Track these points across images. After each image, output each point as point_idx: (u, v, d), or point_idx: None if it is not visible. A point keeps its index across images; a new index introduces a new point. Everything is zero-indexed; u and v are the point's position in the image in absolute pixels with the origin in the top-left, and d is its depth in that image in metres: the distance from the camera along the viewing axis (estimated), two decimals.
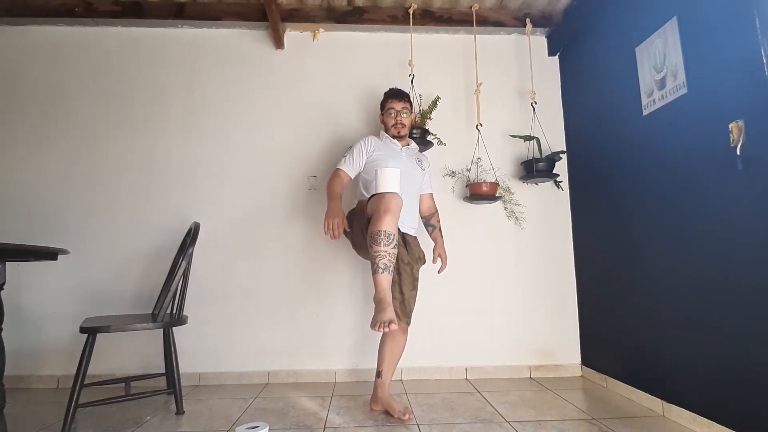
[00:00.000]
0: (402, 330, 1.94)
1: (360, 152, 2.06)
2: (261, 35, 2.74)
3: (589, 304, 2.53)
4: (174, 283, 1.95)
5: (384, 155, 2.05)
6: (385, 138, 2.14)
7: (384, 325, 1.51)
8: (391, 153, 2.07)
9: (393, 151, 2.09)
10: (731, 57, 1.57)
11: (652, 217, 1.96)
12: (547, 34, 2.84)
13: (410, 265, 1.97)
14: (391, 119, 2.11)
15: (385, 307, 1.57)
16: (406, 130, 2.12)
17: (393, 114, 2.10)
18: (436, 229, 2.26)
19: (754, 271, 1.47)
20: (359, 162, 2.06)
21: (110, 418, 1.88)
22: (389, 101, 2.12)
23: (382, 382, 1.93)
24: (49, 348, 2.43)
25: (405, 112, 2.10)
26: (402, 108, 2.10)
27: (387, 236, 1.62)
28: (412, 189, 2.06)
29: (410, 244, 2.00)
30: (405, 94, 2.15)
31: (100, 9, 2.59)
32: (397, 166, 1.93)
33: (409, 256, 1.97)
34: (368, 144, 2.08)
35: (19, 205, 2.53)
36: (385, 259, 1.62)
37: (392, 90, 2.17)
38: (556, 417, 1.86)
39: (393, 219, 1.63)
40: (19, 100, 2.62)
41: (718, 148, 1.60)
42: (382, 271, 1.62)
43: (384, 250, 1.61)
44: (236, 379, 2.45)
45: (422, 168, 2.16)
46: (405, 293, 1.94)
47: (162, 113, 2.64)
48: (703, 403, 1.68)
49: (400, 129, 2.10)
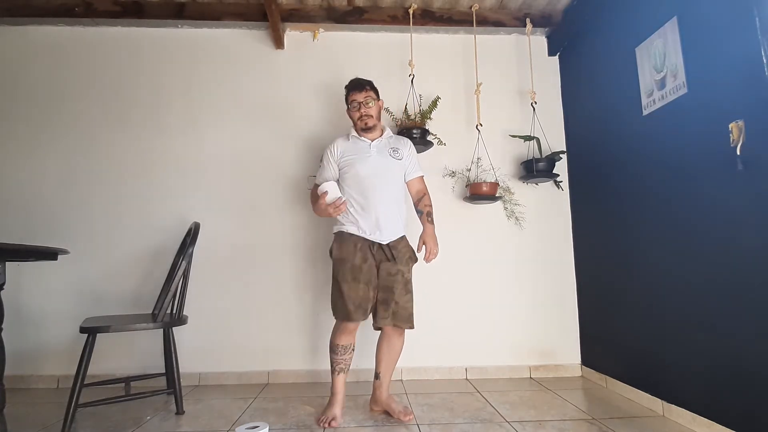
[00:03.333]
0: (398, 333, 1.92)
1: (328, 162, 1.98)
2: (261, 35, 2.74)
3: (589, 304, 2.53)
4: (174, 283, 1.95)
5: (352, 158, 1.94)
6: (352, 136, 2.00)
7: (326, 420, 1.78)
8: (359, 153, 1.95)
9: (361, 149, 1.96)
10: (731, 57, 1.57)
11: (652, 217, 1.96)
12: (547, 34, 2.84)
13: (400, 272, 1.88)
14: (355, 113, 1.97)
15: (333, 403, 1.85)
16: (373, 120, 1.96)
17: (356, 106, 1.96)
18: (423, 215, 2.04)
19: (754, 271, 1.47)
20: (330, 171, 1.97)
21: (110, 418, 1.88)
22: (350, 94, 1.99)
23: (380, 384, 1.93)
24: (49, 348, 2.43)
25: (370, 101, 1.96)
26: (365, 98, 1.95)
27: (344, 348, 1.89)
28: (388, 186, 1.94)
29: (395, 250, 1.90)
30: (366, 83, 2.00)
31: (100, 9, 2.59)
32: (367, 166, 1.91)
33: (396, 265, 1.88)
34: (335, 150, 1.98)
35: (19, 205, 2.53)
36: (342, 364, 1.89)
37: (352, 81, 2.02)
38: (556, 417, 1.86)
39: (349, 336, 1.89)
40: (19, 100, 2.62)
41: (718, 148, 1.60)
42: (338, 374, 1.88)
43: (342, 358, 1.89)
44: (236, 379, 2.45)
45: (398, 157, 1.99)
46: (399, 302, 1.86)
47: (162, 113, 2.64)
48: (703, 403, 1.68)
49: (367, 120, 1.95)
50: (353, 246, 1.86)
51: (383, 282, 1.87)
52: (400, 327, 1.89)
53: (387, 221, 1.89)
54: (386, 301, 1.86)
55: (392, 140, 2.05)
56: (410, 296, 1.92)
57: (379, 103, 2.04)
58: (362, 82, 2.00)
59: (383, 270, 1.87)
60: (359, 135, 2.00)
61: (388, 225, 1.89)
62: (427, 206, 2.06)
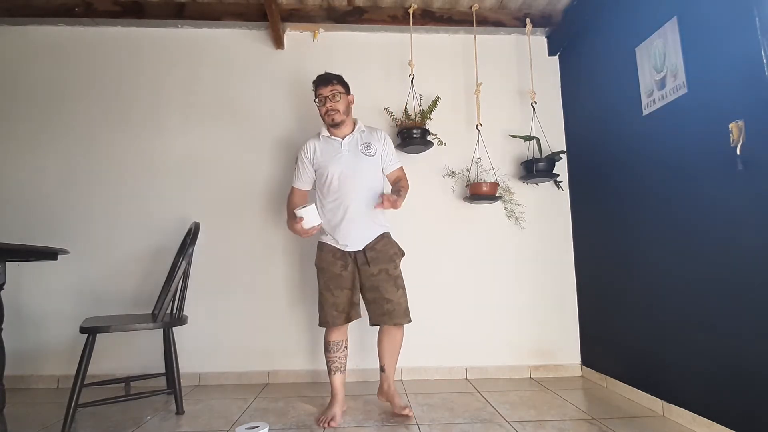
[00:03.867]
0: (396, 328, 1.94)
1: (303, 164, 1.99)
2: (261, 35, 2.74)
3: (589, 304, 2.53)
4: (174, 283, 1.96)
5: (324, 159, 1.93)
6: (323, 136, 1.98)
7: (325, 420, 1.78)
8: (330, 153, 1.93)
9: (332, 149, 1.94)
10: (731, 57, 1.57)
11: (652, 217, 1.96)
12: (547, 34, 2.84)
13: (382, 271, 1.88)
14: (321, 108, 1.93)
15: (333, 403, 1.87)
16: (341, 116, 1.91)
17: (322, 101, 1.91)
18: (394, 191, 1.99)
19: (754, 271, 1.47)
20: (306, 174, 1.99)
21: (110, 418, 1.88)
22: (317, 89, 1.93)
23: (386, 376, 1.97)
24: (49, 348, 2.43)
25: (337, 96, 1.90)
26: (331, 92, 1.90)
27: (336, 345, 1.91)
28: (362, 186, 1.91)
29: (374, 251, 1.90)
30: (333, 77, 1.94)
31: (100, 9, 2.59)
32: (339, 166, 1.90)
33: (378, 265, 1.88)
34: (308, 151, 1.98)
35: (19, 205, 2.53)
36: (336, 363, 1.90)
37: (319, 76, 1.97)
38: (556, 417, 1.86)
39: (338, 333, 1.91)
40: (19, 100, 2.62)
41: (718, 148, 1.60)
42: (334, 373, 1.90)
43: (335, 356, 1.90)
44: (236, 379, 2.45)
45: (370, 153, 1.95)
46: (392, 299, 1.87)
47: (162, 113, 2.64)
48: (703, 403, 1.68)
49: (334, 116, 1.90)
50: (331, 255, 1.91)
51: (367, 283, 1.90)
52: (399, 324, 1.91)
53: (363, 225, 1.90)
54: (376, 300, 1.89)
55: (365, 135, 2.00)
56: (402, 291, 1.93)
57: (349, 97, 1.98)
58: (329, 76, 1.94)
59: (364, 273, 1.90)
60: (330, 134, 1.97)
61: (360, 231, 1.90)
62: (400, 187, 2.00)
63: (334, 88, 1.92)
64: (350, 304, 1.90)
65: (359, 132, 1.99)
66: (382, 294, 1.87)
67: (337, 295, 1.88)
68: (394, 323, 1.89)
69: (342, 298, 1.88)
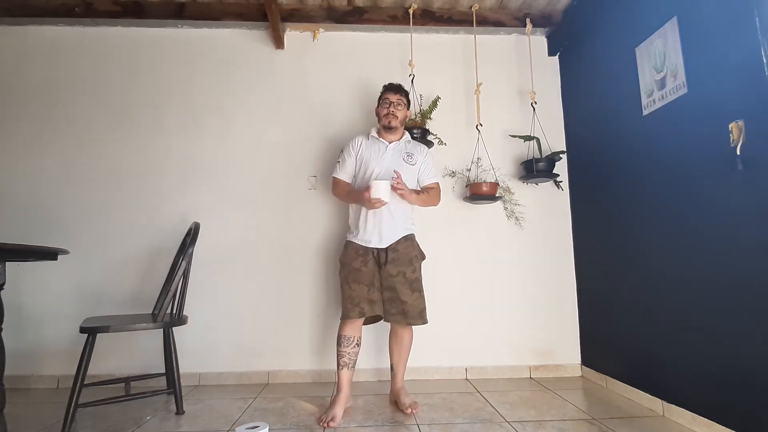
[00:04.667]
0: (407, 329, 2.03)
1: (349, 155, 2.10)
2: (261, 35, 2.74)
3: (589, 304, 2.53)
4: (174, 283, 1.96)
5: (367, 156, 2.06)
6: (372, 136, 2.11)
7: (325, 420, 1.78)
8: (375, 153, 2.06)
9: (378, 150, 2.07)
10: (731, 57, 1.57)
11: (652, 217, 1.96)
12: (547, 34, 2.84)
13: (401, 273, 1.96)
14: (383, 109, 2.08)
15: (335, 402, 1.87)
16: (397, 122, 2.07)
17: (387, 104, 2.07)
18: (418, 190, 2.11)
19: (754, 271, 1.47)
20: (351, 165, 2.10)
21: (110, 418, 1.88)
22: (386, 92, 2.10)
23: (394, 375, 2.06)
24: (49, 348, 2.43)
25: (400, 105, 2.07)
26: (397, 100, 2.07)
27: (347, 340, 1.94)
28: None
29: (395, 252, 1.97)
30: (404, 90, 2.12)
31: (100, 9, 2.59)
32: (380, 166, 2.01)
33: (396, 267, 1.96)
34: (356, 145, 2.10)
35: (19, 205, 2.52)
36: (345, 358, 1.93)
37: (392, 83, 2.14)
38: (556, 417, 1.86)
39: (352, 329, 1.95)
40: (19, 100, 2.62)
41: (718, 148, 1.60)
42: (342, 368, 1.93)
43: (345, 351, 1.93)
44: (236, 379, 2.45)
45: (411, 162, 2.07)
46: (408, 301, 1.95)
47: (162, 113, 2.64)
48: (703, 403, 1.68)
49: (391, 119, 2.05)
50: (354, 252, 2.00)
51: (385, 283, 1.98)
52: (413, 324, 1.99)
53: (389, 224, 1.98)
54: (392, 300, 1.97)
55: (409, 145, 2.13)
56: (418, 294, 2.00)
57: (407, 111, 2.14)
58: (401, 87, 2.11)
59: (384, 272, 1.97)
60: (378, 136, 2.10)
61: (389, 228, 1.99)
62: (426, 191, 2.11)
63: (401, 97, 2.08)
64: (366, 300, 1.94)
65: (405, 142, 2.12)
66: (397, 295, 1.96)
67: (354, 289, 1.94)
68: (407, 323, 1.97)
69: (357, 291, 1.94)
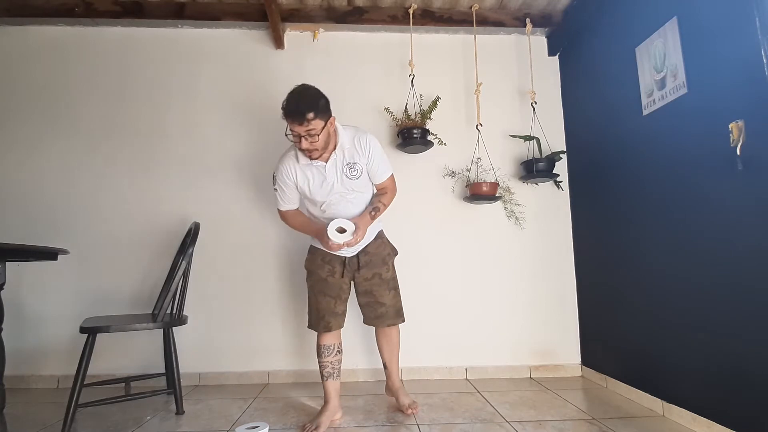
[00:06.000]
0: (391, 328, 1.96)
1: (285, 186, 1.79)
2: (261, 35, 2.74)
3: (589, 304, 2.53)
4: (174, 283, 1.96)
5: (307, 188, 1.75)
6: (302, 162, 1.74)
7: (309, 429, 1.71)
8: (313, 182, 1.74)
9: (314, 175, 1.74)
10: (731, 57, 1.57)
11: (652, 217, 1.96)
12: (547, 34, 2.84)
13: (376, 275, 1.86)
14: (299, 144, 1.63)
15: (321, 411, 1.80)
16: (319, 153, 1.66)
17: (297, 139, 1.62)
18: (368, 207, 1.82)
19: (754, 271, 1.47)
20: (292, 193, 1.82)
21: (110, 418, 1.88)
22: (288, 123, 1.61)
23: (389, 372, 2.01)
24: (49, 348, 2.43)
25: (314, 132, 1.57)
26: (306, 131, 1.57)
27: (327, 349, 1.86)
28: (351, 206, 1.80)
29: (367, 254, 1.86)
30: (306, 108, 1.55)
31: (100, 9, 2.59)
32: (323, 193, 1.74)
33: (371, 269, 1.86)
34: (289, 175, 1.76)
35: (19, 205, 2.52)
36: (329, 368, 1.85)
37: (288, 106, 1.59)
38: (556, 417, 1.86)
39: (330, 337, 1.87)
40: (19, 100, 2.62)
41: (718, 148, 1.60)
42: (326, 378, 1.85)
43: (326, 361, 1.85)
44: (236, 379, 2.45)
45: (355, 177, 1.75)
46: (386, 302, 1.88)
47: (162, 113, 2.64)
48: (703, 403, 1.68)
49: (313, 154, 1.66)
50: (320, 259, 1.88)
51: (361, 288, 1.90)
52: (392, 326, 1.94)
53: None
54: (369, 304, 1.91)
55: (348, 152, 1.73)
56: (395, 292, 1.94)
57: (329, 123, 1.64)
58: (301, 108, 1.55)
59: (358, 278, 1.87)
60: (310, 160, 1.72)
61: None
62: (378, 202, 1.82)
63: (309, 125, 1.56)
64: (331, 313, 1.84)
65: (341, 151, 1.72)
66: (375, 298, 1.89)
67: (320, 301, 1.86)
68: (387, 325, 1.93)
69: (324, 304, 1.85)
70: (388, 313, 1.91)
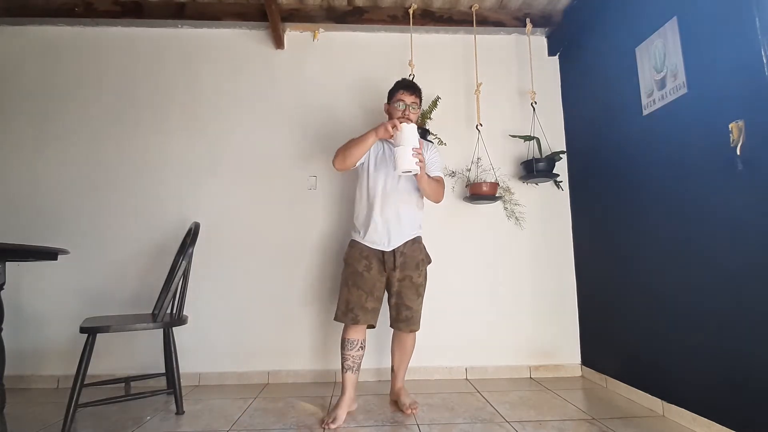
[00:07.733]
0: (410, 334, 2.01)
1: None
2: (261, 35, 2.74)
3: (589, 304, 2.53)
4: (174, 283, 1.95)
5: (371, 156, 1.97)
6: None
7: (327, 421, 1.76)
8: (380, 153, 1.98)
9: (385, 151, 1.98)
10: (731, 57, 1.57)
11: (652, 217, 1.96)
12: (547, 34, 2.84)
13: (407, 277, 1.92)
14: (397, 111, 1.94)
15: (339, 404, 1.84)
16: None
17: (401, 106, 1.94)
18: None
19: (754, 271, 1.47)
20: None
21: (110, 418, 1.88)
22: (399, 92, 1.95)
23: (395, 376, 2.06)
24: (49, 348, 2.43)
25: (414, 107, 1.95)
26: (412, 102, 1.94)
27: (351, 343, 1.88)
28: (400, 192, 1.93)
29: (403, 256, 1.91)
30: (418, 89, 1.99)
31: (100, 9, 2.59)
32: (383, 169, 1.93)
33: (402, 272, 1.91)
34: None
35: (19, 205, 2.52)
36: (350, 361, 1.88)
37: (405, 81, 2.00)
38: (556, 417, 1.86)
39: (355, 332, 1.89)
40: (19, 100, 2.62)
41: (718, 148, 1.60)
42: (346, 371, 1.88)
43: (349, 354, 1.88)
44: (236, 379, 2.45)
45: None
46: (413, 306, 1.93)
47: (162, 113, 2.64)
48: (703, 403, 1.68)
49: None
50: (358, 253, 1.94)
51: (393, 288, 1.94)
52: (414, 331, 1.99)
53: (396, 226, 1.91)
54: (398, 306, 1.95)
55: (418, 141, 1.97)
56: (421, 300, 1.98)
57: (419, 111, 2.05)
58: (415, 86, 1.98)
59: (392, 277, 1.93)
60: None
61: (397, 231, 1.91)
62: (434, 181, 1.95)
63: (415, 99, 1.96)
64: (360, 307, 1.87)
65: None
66: (403, 300, 1.93)
67: (352, 293, 1.89)
68: (409, 330, 1.96)
69: (355, 296, 1.88)
70: (413, 318, 1.94)
